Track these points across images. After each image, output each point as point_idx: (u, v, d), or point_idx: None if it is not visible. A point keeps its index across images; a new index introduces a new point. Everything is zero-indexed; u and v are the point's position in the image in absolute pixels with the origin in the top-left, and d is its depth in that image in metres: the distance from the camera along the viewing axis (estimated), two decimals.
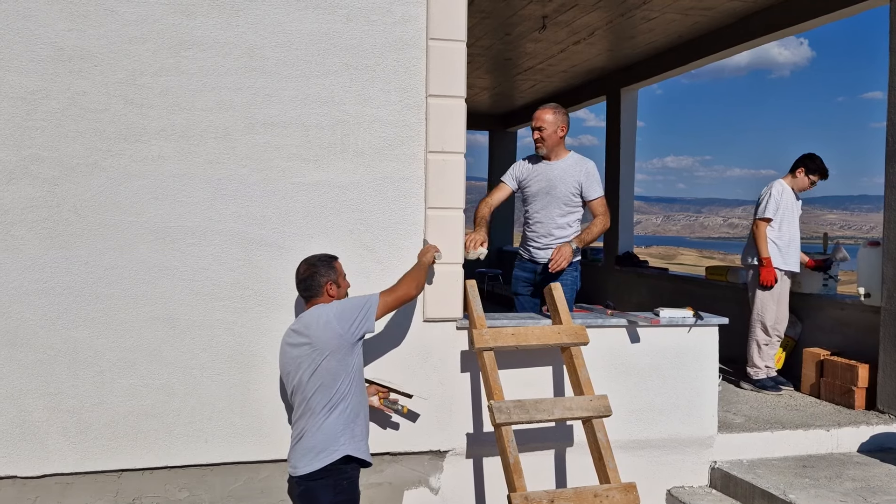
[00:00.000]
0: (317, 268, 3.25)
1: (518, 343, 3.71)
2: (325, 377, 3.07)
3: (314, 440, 3.06)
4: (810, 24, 6.39)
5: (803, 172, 5.65)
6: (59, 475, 3.46)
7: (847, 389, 5.18)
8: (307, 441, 3.08)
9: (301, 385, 3.10)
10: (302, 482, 3.07)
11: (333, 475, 3.06)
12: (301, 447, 3.09)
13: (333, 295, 3.25)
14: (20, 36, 3.37)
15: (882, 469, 4.31)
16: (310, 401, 3.08)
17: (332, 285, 3.25)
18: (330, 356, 3.07)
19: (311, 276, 3.24)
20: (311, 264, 3.27)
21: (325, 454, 3.05)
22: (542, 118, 4.49)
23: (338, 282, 3.29)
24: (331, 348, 3.07)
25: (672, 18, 7.09)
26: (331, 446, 3.06)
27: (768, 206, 5.52)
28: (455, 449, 3.90)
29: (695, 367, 4.22)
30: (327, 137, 3.69)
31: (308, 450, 3.07)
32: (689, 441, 4.27)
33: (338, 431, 3.07)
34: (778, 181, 5.65)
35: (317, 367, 3.06)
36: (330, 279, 3.25)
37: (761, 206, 5.55)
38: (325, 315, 3.12)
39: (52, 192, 3.41)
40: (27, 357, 3.40)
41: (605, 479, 3.50)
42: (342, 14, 3.69)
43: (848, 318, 5.60)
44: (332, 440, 3.06)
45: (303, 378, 3.09)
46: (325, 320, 3.10)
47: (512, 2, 6.69)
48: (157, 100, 3.50)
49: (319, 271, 3.24)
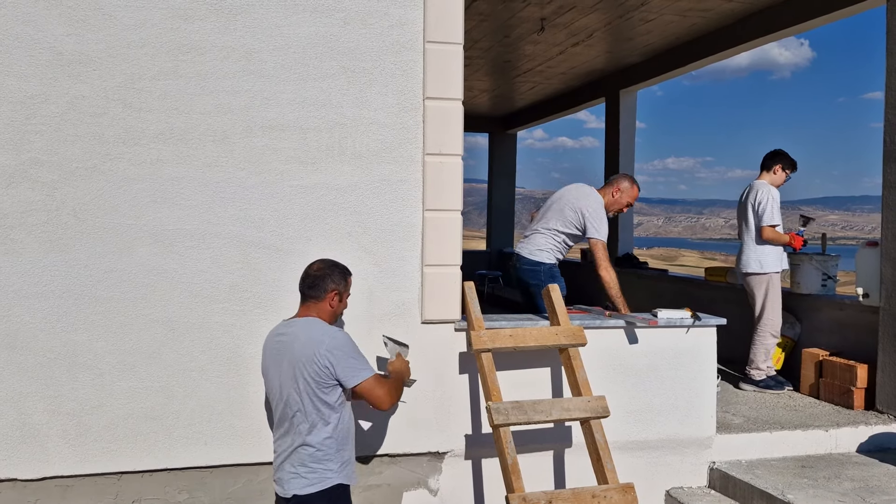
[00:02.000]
0: (332, 272, 3.12)
1: (516, 344, 3.72)
2: (310, 397, 2.96)
3: (302, 463, 2.97)
4: (808, 25, 6.40)
5: (781, 168, 5.69)
6: (59, 478, 3.48)
7: (846, 390, 5.19)
8: (295, 463, 2.98)
9: (285, 399, 3.00)
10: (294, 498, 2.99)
11: (327, 495, 2.98)
12: (289, 467, 2.99)
13: (333, 307, 3.12)
14: (19, 41, 3.39)
15: (881, 469, 4.31)
16: (294, 418, 2.98)
17: (336, 297, 3.11)
18: (311, 379, 2.95)
19: (323, 278, 3.09)
20: (327, 266, 3.14)
21: (316, 480, 2.96)
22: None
23: (342, 296, 3.16)
24: (310, 374, 2.95)
25: (670, 20, 7.11)
26: (321, 472, 2.97)
27: (774, 212, 5.51)
28: (454, 450, 3.91)
29: (693, 368, 4.23)
30: (325, 140, 3.70)
31: (295, 473, 2.97)
32: (688, 442, 4.28)
33: (329, 455, 2.98)
34: (763, 184, 5.62)
35: (303, 386, 2.96)
36: (338, 289, 3.11)
37: (766, 214, 5.48)
38: (321, 340, 2.98)
39: (51, 195, 3.43)
40: (27, 360, 3.42)
41: (603, 480, 3.51)
42: (339, 17, 3.70)
43: (847, 318, 5.60)
44: (322, 464, 2.97)
45: (287, 391, 2.99)
46: (317, 343, 2.96)
47: (510, 4, 6.71)
48: (155, 103, 3.52)
49: (333, 276, 3.11)
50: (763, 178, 5.70)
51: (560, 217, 4.75)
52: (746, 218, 5.64)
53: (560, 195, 4.88)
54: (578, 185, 4.96)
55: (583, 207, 4.67)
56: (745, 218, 5.67)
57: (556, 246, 4.77)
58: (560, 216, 4.75)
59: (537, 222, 4.88)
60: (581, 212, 4.67)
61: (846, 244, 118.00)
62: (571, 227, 4.73)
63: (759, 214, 5.53)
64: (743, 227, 5.70)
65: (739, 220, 5.76)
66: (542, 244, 4.78)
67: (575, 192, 4.82)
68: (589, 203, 4.69)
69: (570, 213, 4.71)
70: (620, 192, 4.84)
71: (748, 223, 5.62)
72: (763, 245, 5.53)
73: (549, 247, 4.76)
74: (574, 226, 4.72)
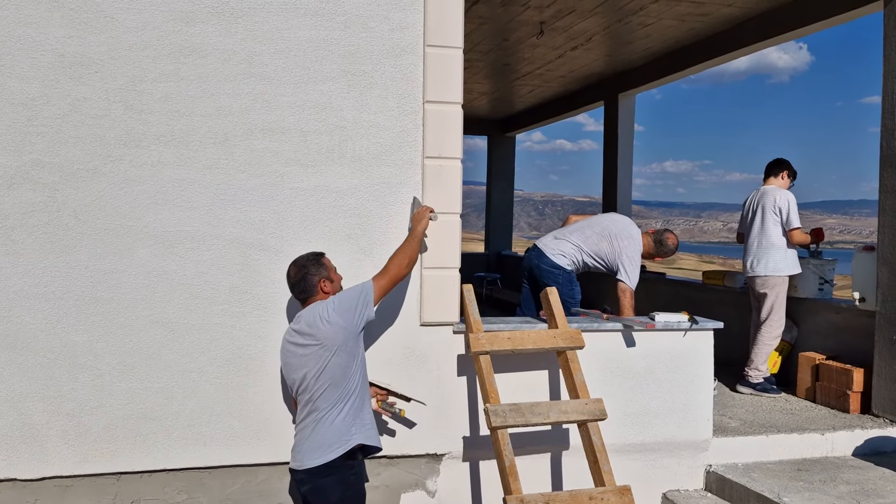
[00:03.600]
0: (307, 269, 3.26)
1: (514, 347, 3.74)
2: (336, 373, 3.11)
3: (325, 436, 3.09)
4: (806, 31, 6.43)
5: (786, 175, 5.74)
6: (58, 478, 3.49)
7: (842, 393, 5.21)
8: (317, 437, 3.10)
9: (308, 384, 3.12)
10: (309, 479, 3.09)
11: (341, 471, 3.09)
12: (310, 443, 3.11)
13: (328, 291, 3.27)
14: (22, 42, 3.40)
15: (876, 472, 4.33)
16: (319, 399, 3.10)
17: (326, 282, 3.27)
18: (339, 351, 3.11)
19: (304, 278, 3.25)
20: (300, 266, 3.28)
21: (337, 445, 3.09)
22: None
23: (330, 277, 3.30)
24: (338, 343, 3.11)
25: (669, 24, 7.14)
26: (342, 437, 3.10)
27: (798, 215, 5.55)
28: (452, 452, 3.93)
29: (690, 371, 4.25)
30: (325, 143, 3.72)
31: (318, 445, 3.09)
32: (685, 444, 4.29)
33: (348, 423, 3.12)
34: (778, 188, 5.64)
35: (326, 365, 3.09)
36: (322, 277, 3.27)
37: (793, 217, 5.51)
38: (325, 311, 3.14)
39: (52, 196, 3.44)
40: (27, 360, 3.43)
41: (600, 483, 3.52)
42: (340, 21, 3.72)
43: (843, 322, 5.62)
44: (343, 432, 3.10)
45: (309, 377, 3.11)
46: (327, 317, 3.13)
47: (510, 8, 6.73)
48: (156, 105, 3.54)
49: (310, 271, 3.26)
50: (771, 183, 5.73)
51: (597, 244, 4.79)
52: (763, 221, 5.61)
53: (606, 223, 4.89)
54: (626, 220, 4.97)
55: (624, 248, 4.72)
56: (760, 221, 5.63)
57: (578, 261, 4.83)
58: (597, 243, 4.79)
59: (572, 233, 4.88)
60: (621, 252, 4.71)
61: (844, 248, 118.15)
62: (601, 259, 4.80)
63: (785, 218, 5.54)
64: (756, 231, 5.66)
65: (750, 224, 5.73)
66: (568, 253, 4.81)
67: (621, 228, 4.84)
68: (629, 246, 4.74)
69: (606, 246, 4.76)
70: (662, 246, 4.91)
71: (765, 226, 5.60)
72: (781, 248, 5.55)
73: (573, 259, 4.82)
74: (605, 259, 4.79)
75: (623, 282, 4.70)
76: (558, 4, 6.61)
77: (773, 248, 5.58)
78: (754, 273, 5.64)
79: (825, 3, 6.00)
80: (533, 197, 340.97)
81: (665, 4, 6.56)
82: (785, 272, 5.57)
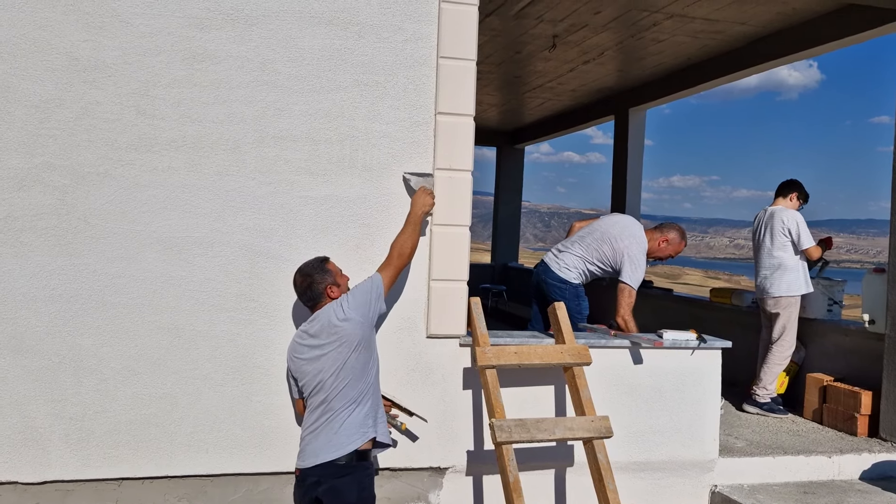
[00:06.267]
0: (312, 277, 3.30)
1: (521, 361, 3.71)
2: (356, 368, 3.15)
3: (340, 433, 3.12)
4: (819, 50, 6.41)
5: (797, 197, 5.71)
6: (60, 482, 3.47)
7: (850, 416, 5.16)
8: (331, 435, 3.12)
9: (325, 384, 3.14)
10: (325, 479, 3.09)
11: (357, 471, 3.13)
12: (323, 441, 3.12)
13: (336, 296, 3.30)
14: (36, 45, 3.41)
15: (884, 498, 4.28)
16: (335, 399, 3.13)
17: (332, 287, 3.30)
18: (358, 346, 3.16)
19: (310, 286, 3.29)
20: (305, 274, 3.31)
21: (357, 437, 3.13)
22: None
23: (336, 282, 3.33)
24: (358, 338, 3.16)
25: (682, 41, 7.13)
26: (360, 429, 3.15)
27: (808, 233, 5.52)
28: (455, 466, 3.90)
29: (697, 390, 4.21)
30: (336, 152, 3.72)
31: (333, 442, 3.11)
32: (690, 464, 4.25)
33: (364, 418, 3.17)
34: (784, 209, 5.61)
35: (345, 362, 3.13)
36: (328, 283, 3.30)
37: (803, 237, 5.47)
38: (341, 310, 3.19)
39: (62, 199, 3.44)
40: (32, 363, 3.42)
41: (604, 501, 3.49)
42: (354, 31, 3.72)
43: (852, 344, 5.58)
44: (360, 425, 3.15)
45: (326, 376, 3.14)
46: (344, 315, 3.18)
47: (523, 21, 6.74)
48: (168, 111, 3.54)
49: (315, 279, 3.29)
50: (779, 203, 5.70)
51: (598, 249, 4.72)
52: (773, 242, 5.57)
53: (606, 227, 4.80)
54: (628, 220, 4.88)
55: (626, 249, 4.63)
56: (770, 243, 5.59)
57: (585, 272, 4.78)
58: (598, 249, 4.72)
59: (574, 244, 4.83)
60: (622, 252, 4.63)
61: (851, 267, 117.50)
62: (606, 264, 4.73)
63: (797, 239, 5.50)
64: (766, 252, 5.61)
65: (760, 245, 5.69)
66: (572, 265, 4.77)
67: (621, 229, 4.75)
68: (632, 245, 4.65)
69: (608, 250, 4.69)
70: (668, 242, 4.80)
71: (775, 247, 5.56)
72: (792, 269, 5.51)
73: (580, 271, 4.77)
74: (610, 263, 4.72)
75: (624, 282, 4.62)
76: (572, 18, 6.61)
77: (784, 268, 5.54)
78: (767, 294, 5.60)
79: (839, 24, 5.98)
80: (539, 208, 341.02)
81: (679, 21, 6.55)
82: (797, 292, 5.53)
